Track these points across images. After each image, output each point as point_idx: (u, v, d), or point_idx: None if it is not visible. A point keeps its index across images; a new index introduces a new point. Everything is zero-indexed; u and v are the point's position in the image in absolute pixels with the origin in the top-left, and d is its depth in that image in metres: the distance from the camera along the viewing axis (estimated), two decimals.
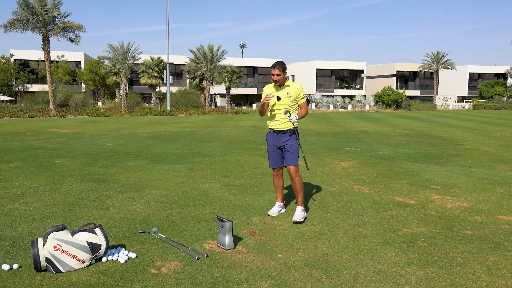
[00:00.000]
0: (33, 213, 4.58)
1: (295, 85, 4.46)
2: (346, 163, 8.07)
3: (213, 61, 36.76)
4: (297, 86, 4.45)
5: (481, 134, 14.85)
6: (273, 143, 4.52)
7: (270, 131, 4.58)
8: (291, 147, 4.42)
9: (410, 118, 26.70)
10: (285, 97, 4.40)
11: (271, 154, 4.57)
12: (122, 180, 6.37)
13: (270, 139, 4.57)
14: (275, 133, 4.51)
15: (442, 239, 3.84)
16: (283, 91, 4.42)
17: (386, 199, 5.30)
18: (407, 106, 43.54)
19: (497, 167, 7.74)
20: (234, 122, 21.78)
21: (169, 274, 3.09)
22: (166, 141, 12.02)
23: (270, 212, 4.55)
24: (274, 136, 4.51)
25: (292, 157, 4.40)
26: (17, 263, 3.18)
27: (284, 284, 2.95)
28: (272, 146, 4.53)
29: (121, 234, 3.91)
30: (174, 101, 36.15)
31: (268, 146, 4.59)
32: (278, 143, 4.49)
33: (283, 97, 4.39)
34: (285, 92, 4.41)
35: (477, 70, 59.17)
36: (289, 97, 4.40)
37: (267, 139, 4.61)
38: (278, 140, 4.49)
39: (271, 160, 4.60)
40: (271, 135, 4.55)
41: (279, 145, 4.49)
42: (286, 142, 4.45)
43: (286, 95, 4.40)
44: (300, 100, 4.47)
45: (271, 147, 4.55)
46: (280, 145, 4.49)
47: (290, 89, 4.43)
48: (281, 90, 4.44)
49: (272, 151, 4.55)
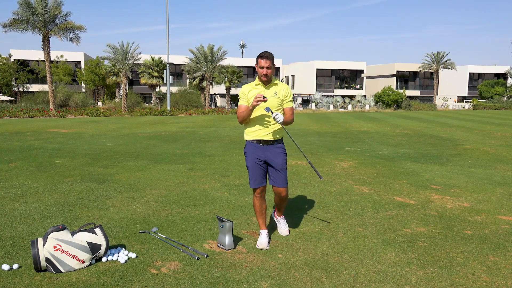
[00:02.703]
0: (33, 213, 4.58)
1: (283, 84, 3.71)
2: (346, 163, 8.07)
3: (213, 61, 36.77)
4: (285, 85, 3.71)
5: (481, 134, 14.85)
6: (256, 156, 3.65)
7: (251, 142, 3.68)
8: (283, 164, 3.67)
9: (410, 118, 26.70)
10: (273, 98, 3.61)
11: (253, 169, 3.65)
12: (122, 180, 6.37)
13: (251, 151, 3.67)
14: (258, 143, 3.65)
15: (442, 239, 3.84)
16: (269, 90, 3.62)
17: (386, 199, 5.30)
18: (407, 106, 43.54)
19: (497, 167, 7.74)
20: (234, 122, 21.78)
21: (169, 274, 3.09)
22: (166, 141, 12.02)
23: (261, 246, 3.63)
24: (258, 148, 3.65)
25: (285, 176, 3.69)
26: (17, 263, 3.18)
27: (284, 284, 2.95)
28: (255, 159, 3.65)
29: (121, 234, 3.91)
30: (174, 101, 36.17)
31: (249, 160, 3.68)
32: (263, 156, 3.65)
33: (269, 97, 3.59)
34: (273, 92, 3.62)
35: (477, 70, 59.17)
36: (277, 98, 3.62)
37: (247, 152, 3.71)
38: (263, 153, 3.65)
39: (253, 177, 3.66)
40: (254, 147, 3.66)
41: (264, 158, 3.66)
42: (274, 155, 3.65)
43: (274, 95, 3.62)
44: (287, 102, 3.69)
45: (253, 160, 3.65)
46: (265, 158, 3.66)
47: (277, 88, 3.65)
48: (267, 89, 3.62)
49: (254, 166, 3.65)
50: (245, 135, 3.77)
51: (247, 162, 3.71)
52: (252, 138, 3.67)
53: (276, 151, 3.68)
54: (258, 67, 3.56)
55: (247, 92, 3.64)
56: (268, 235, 3.75)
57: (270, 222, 4.29)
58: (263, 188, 3.71)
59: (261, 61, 3.51)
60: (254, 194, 3.75)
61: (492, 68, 59.37)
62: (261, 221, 3.78)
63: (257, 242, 3.69)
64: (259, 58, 3.53)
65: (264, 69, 3.52)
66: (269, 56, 3.51)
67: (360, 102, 46.51)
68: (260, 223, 3.78)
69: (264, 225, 3.77)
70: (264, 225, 3.78)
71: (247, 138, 3.73)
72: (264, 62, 3.50)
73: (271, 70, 3.54)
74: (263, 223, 3.78)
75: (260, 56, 3.53)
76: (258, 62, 3.54)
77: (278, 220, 4.05)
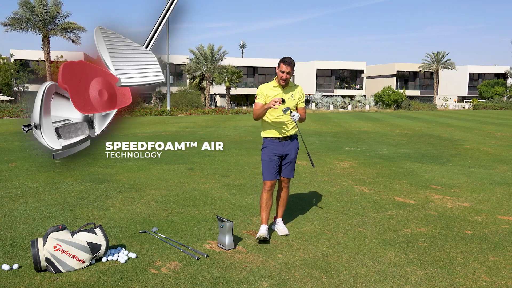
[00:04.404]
0: (33, 213, 4.58)
1: (297, 86, 3.94)
2: (346, 163, 8.07)
3: (213, 61, 36.78)
4: (299, 87, 3.95)
5: (481, 134, 14.85)
6: (274, 151, 3.86)
7: (271, 139, 3.89)
8: (295, 157, 3.98)
9: (410, 118, 26.70)
10: (289, 100, 3.83)
11: (269, 163, 3.86)
12: (122, 180, 6.37)
13: (271, 147, 3.88)
14: (277, 140, 3.88)
15: (442, 239, 3.84)
16: (287, 93, 3.84)
17: (386, 199, 5.30)
18: (407, 106, 43.54)
19: (497, 167, 7.74)
20: (234, 122, 21.78)
21: (169, 274, 3.09)
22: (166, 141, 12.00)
23: (261, 233, 3.74)
24: (277, 144, 3.87)
25: (293, 168, 4.01)
26: (17, 263, 3.18)
27: (284, 284, 2.95)
28: (273, 154, 3.86)
29: (121, 234, 3.91)
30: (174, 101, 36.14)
31: (266, 155, 3.88)
32: (281, 151, 3.89)
33: (287, 99, 3.80)
34: (289, 95, 3.84)
35: (477, 70, 59.16)
36: (293, 100, 3.85)
37: (266, 148, 3.90)
38: (282, 148, 3.89)
39: (268, 170, 3.86)
40: (273, 143, 3.88)
41: (282, 153, 3.90)
42: (290, 150, 3.91)
43: (291, 97, 3.84)
44: (300, 103, 3.94)
45: (271, 155, 3.86)
46: (282, 153, 3.90)
47: (293, 91, 3.88)
48: (285, 92, 3.84)
49: (271, 160, 3.86)
50: (263, 133, 3.96)
51: (264, 156, 3.89)
52: (272, 135, 3.89)
53: (292, 145, 3.94)
54: (279, 70, 3.74)
55: (264, 91, 3.85)
56: (268, 229, 3.83)
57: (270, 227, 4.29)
58: (275, 182, 3.91)
59: (283, 65, 3.70)
60: (264, 188, 3.89)
61: (492, 68, 59.35)
62: (264, 216, 3.87)
63: (256, 235, 3.75)
64: (281, 62, 3.71)
65: (284, 73, 3.71)
66: (292, 63, 3.71)
67: (360, 102, 46.52)
68: (263, 217, 3.87)
69: (266, 221, 3.87)
70: (266, 221, 3.87)
71: (266, 135, 3.93)
72: (286, 67, 3.69)
73: (290, 76, 3.73)
74: (266, 218, 3.87)
75: (283, 62, 3.70)
76: (280, 66, 3.72)
77: (277, 222, 4.07)
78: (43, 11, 26.13)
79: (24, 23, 26.29)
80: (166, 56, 33.77)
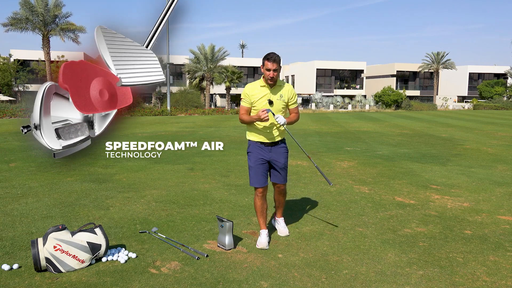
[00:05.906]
0: (33, 213, 4.58)
1: (288, 85, 3.62)
2: (346, 163, 8.07)
3: (214, 61, 36.78)
4: (289, 87, 3.62)
5: (481, 134, 14.85)
6: (260, 156, 3.64)
7: (256, 143, 3.66)
8: (285, 163, 3.72)
9: (410, 118, 26.70)
10: (278, 101, 3.53)
11: (256, 169, 3.62)
12: (122, 180, 6.37)
13: (256, 151, 3.65)
14: (263, 145, 3.65)
15: (442, 239, 3.84)
16: (275, 93, 3.53)
17: (386, 199, 5.30)
18: (407, 106, 43.55)
19: (497, 167, 7.74)
20: (234, 122, 21.78)
21: (169, 274, 3.09)
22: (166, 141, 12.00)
23: (261, 245, 3.60)
24: (263, 149, 3.65)
25: (285, 174, 3.79)
26: (17, 263, 3.18)
27: (284, 284, 2.95)
28: (259, 160, 3.64)
29: (121, 234, 3.91)
30: (174, 101, 36.14)
31: (252, 161, 3.66)
32: (267, 156, 3.66)
33: (275, 100, 3.51)
34: (278, 95, 3.52)
35: (477, 70, 59.16)
36: (282, 101, 3.55)
37: (251, 152, 3.69)
38: (267, 153, 3.65)
39: (255, 176, 3.63)
40: (258, 148, 3.65)
41: (269, 158, 3.67)
42: (277, 155, 3.67)
43: (279, 98, 3.53)
44: (292, 104, 3.65)
45: (257, 160, 3.64)
46: (269, 159, 3.68)
47: (283, 90, 3.57)
48: (273, 92, 3.53)
49: (258, 166, 3.63)
50: (248, 134, 3.72)
51: (250, 162, 3.68)
52: (258, 139, 3.65)
53: (279, 151, 3.69)
54: (265, 69, 3.43)
55: (250, 93, 3.55)
56: (268, 235, 3.73)
57: (270, 222, 4.29)
58: (265, 188, 3.70)
59: (268, 63, 3.39)
60: (255, 193, 3.73)
61: (492, 68, 59.36)
62: (262, 221, 3.76)
63: (257, 242, 3.69)
64: (265, 60, 3.40)
65: (270, 71, 3.40)
66: (276, 58, 3.39)
67: (360, 102, 46.52)
68: (261, 222, 3.76)
69: (264, 225, 3.75)
70: (265, 225, 3.76)
71: (251, 138, 3.70)
72: (271, 64, 3.38)
73: (277, 73, 3.41)
74: (264, 222, 3.76)
75: (267, 58, 3.39)
76: (265, 64, 3.41)
77: (278, 222, 4.05)
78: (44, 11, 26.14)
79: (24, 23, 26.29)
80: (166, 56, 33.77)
